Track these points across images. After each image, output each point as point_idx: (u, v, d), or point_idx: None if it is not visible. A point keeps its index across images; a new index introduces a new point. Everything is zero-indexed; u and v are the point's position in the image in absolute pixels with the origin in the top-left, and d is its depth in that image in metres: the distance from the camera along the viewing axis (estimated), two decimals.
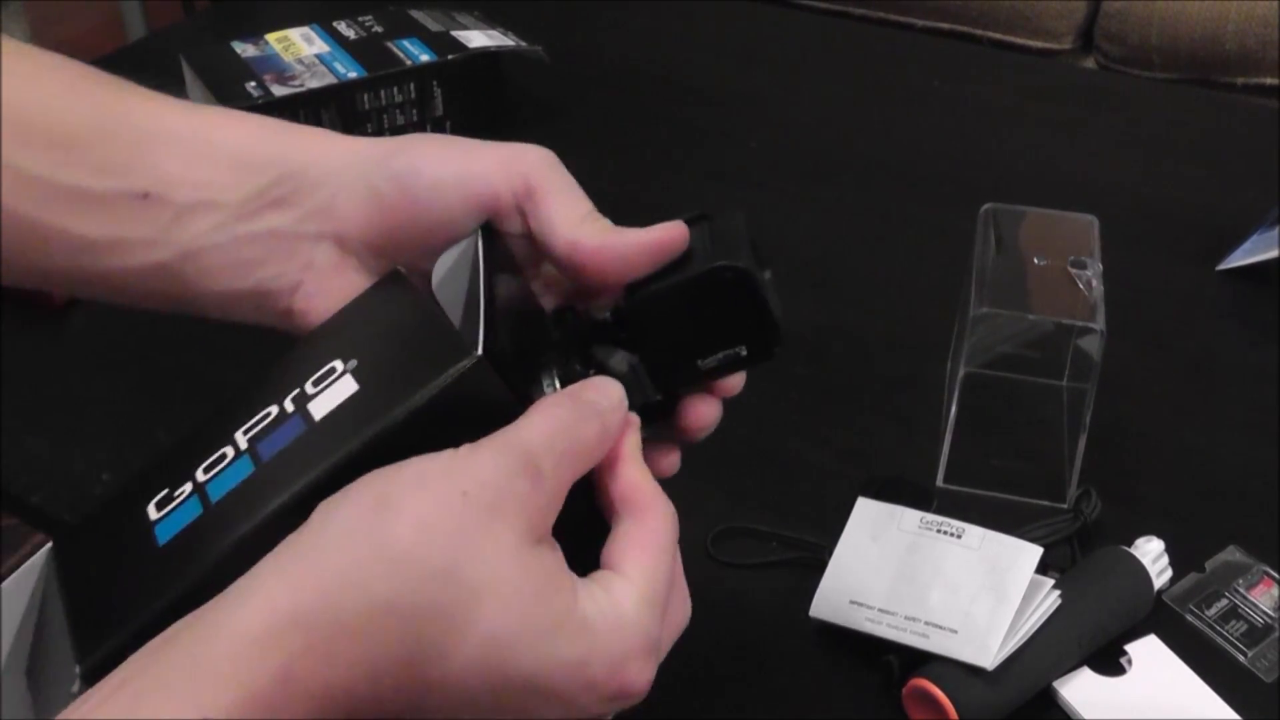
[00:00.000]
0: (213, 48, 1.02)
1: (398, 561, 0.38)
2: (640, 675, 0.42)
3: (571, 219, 0.47)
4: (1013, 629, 0.57)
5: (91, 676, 0.40)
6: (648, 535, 0.44)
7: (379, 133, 0.99)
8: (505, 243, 0.48)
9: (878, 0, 1.90)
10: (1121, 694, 0.59)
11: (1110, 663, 0.61)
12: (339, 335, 0.47)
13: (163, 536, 0.42)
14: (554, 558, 0.41)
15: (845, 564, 0.63)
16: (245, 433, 0.44)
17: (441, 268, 0.48)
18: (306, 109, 0.95)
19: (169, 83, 1.03)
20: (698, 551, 0.67)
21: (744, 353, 0.48)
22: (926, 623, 0.59)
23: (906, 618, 0.59)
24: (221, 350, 0.83)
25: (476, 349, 0.41)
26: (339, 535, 0.39)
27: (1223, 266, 0.89)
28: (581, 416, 0.43)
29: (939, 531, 0.62)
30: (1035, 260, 0.71)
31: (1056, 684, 0.59)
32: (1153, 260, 0.90)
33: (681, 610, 0.45)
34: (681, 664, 0.61)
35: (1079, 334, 0.69)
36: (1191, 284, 0.88)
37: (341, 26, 1.05)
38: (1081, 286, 0.68)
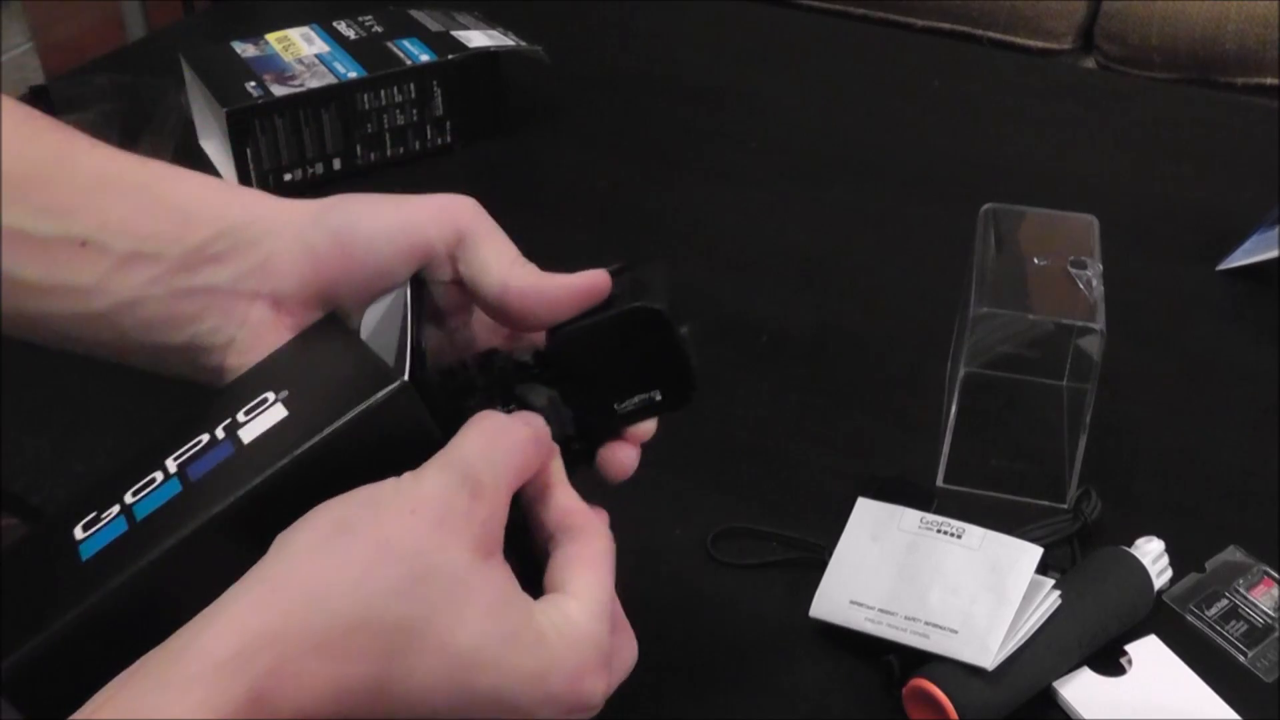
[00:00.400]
0: (213, 48, 1.02)
1: (360, 580, 0.39)
2: (596, 688, 0.43)
3: (502, 264, 0.48)
4: (1013, 629, 0.57)
5: (1, 687, 0.40)
6: (589, 553, 0.45)
7: (379, 133, 0.99)
8: (432, 295, 0.50)
9: (878, 0, 1.90)
10: (1121, 694, 0.59)
11: (1110, 663, 0.61)
12: (273, 369, 0.48)
13: (86, 553, 0.43)
14: (505, 573, 0.42)
15: (845, 564, 0.63)
16: (176, 459, 0.45)
17: (370, 319, 0.49)
18: (306, 109, 0.95)
19: (169, 83, 1.04)
20: (698, 551, 0.67)
21: (658, 398, 0.50)
22: (926, 623, 0.59)
23: (906, 618, 0.59)
24: None
25: (403, 374, 0.43)
26: (300, 559, 0.39)
27: (1223, 266, 0.89)
28: (511, 424, 0.45)
29: (939, 531, 0.62)
30: (1035, 260, 0.71)
31: (1056, 684, 0.59)
32: (1153, 260, 0.90)
33: (629, 649, 0.47)
34: (681, 664, 0.61)
35: (1079, 334, 0.69)
36: (1191, 284, 0.88)
37: (341, 26, 1.05)
38: (1081, 286, 0.68)
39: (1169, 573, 0.64)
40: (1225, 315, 0.86)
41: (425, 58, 1.00)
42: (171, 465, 0.45)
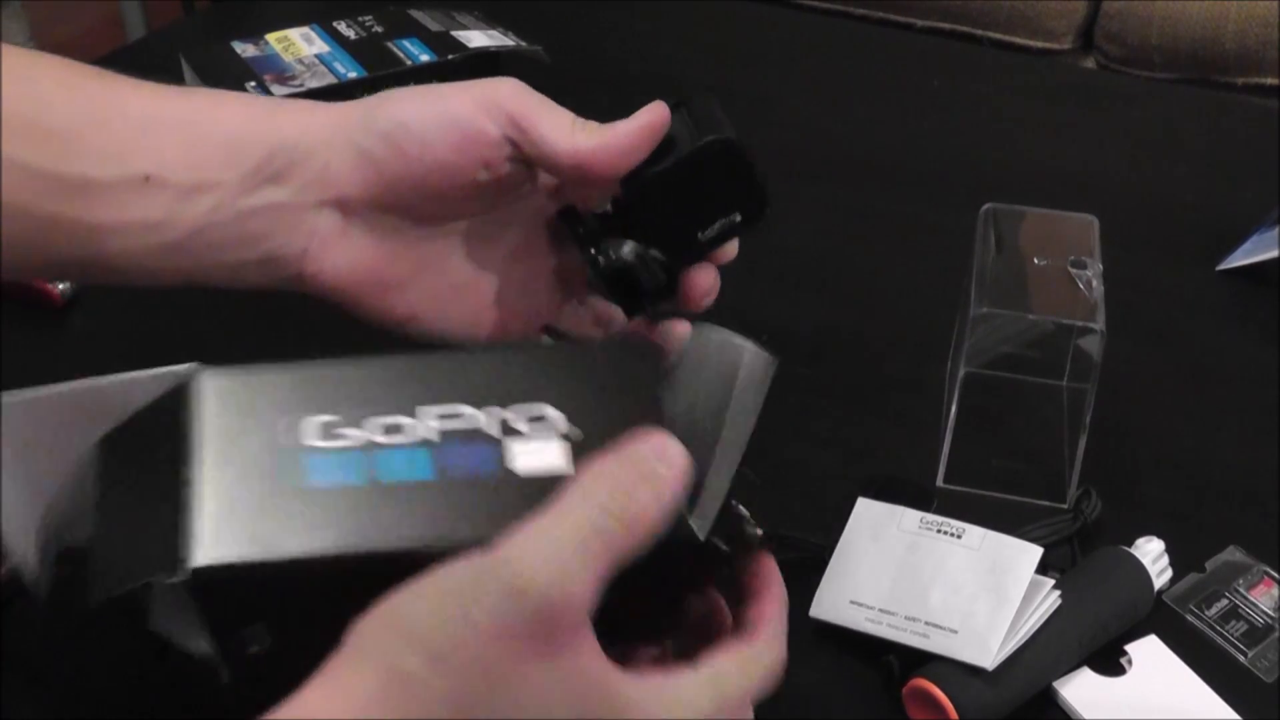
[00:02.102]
0: (213, 48, 1.02)
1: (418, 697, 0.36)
2: None
3: (563, 131, 0.50)
4: (1013, 629, 0.57)
5: (200, 578, 0.37)
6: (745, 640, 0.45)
7: None
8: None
9: (878, 0, 1.90)
10: (1121, 694, 0.59)
11: (1110, 663, 0.61)
12: (556, 373, 0.43)
13: (313, 475, 0.39)
14: (575, 659, 0.38)
15: (845, 564, 0.63)
16: (438, 420, 0.40)
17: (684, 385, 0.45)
18: None
19: (169, 83, 1.04)
20: None
21: (738, 219, 0.52)
22: (927, 623, 0.59)
23: (906, 618, 0.59)
24: (221, 351, 0.82)
25: (700, 536, 0.41)
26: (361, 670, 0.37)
27: (1223, 266, 0.89)
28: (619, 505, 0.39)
29: (939, 531, 0.62)
30: (1035, 260, 0.71)
31: (1056, 684, 0.59)
32: (1153, 260, 0.90)
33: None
34: None
35: (1079, 334, 0.69)
36: (1191, 284, 0.88)
37: (341, 26, 1.05)
38: (1081, 286, 0.68)
39: (1169, 573, 0.64)
40: (1225, 315, 0.86)
41: (425, 58, 1.00)
42: (428, 427, 0.40)
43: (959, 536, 0.62)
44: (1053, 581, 0.59)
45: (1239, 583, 0.65)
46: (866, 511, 0.65)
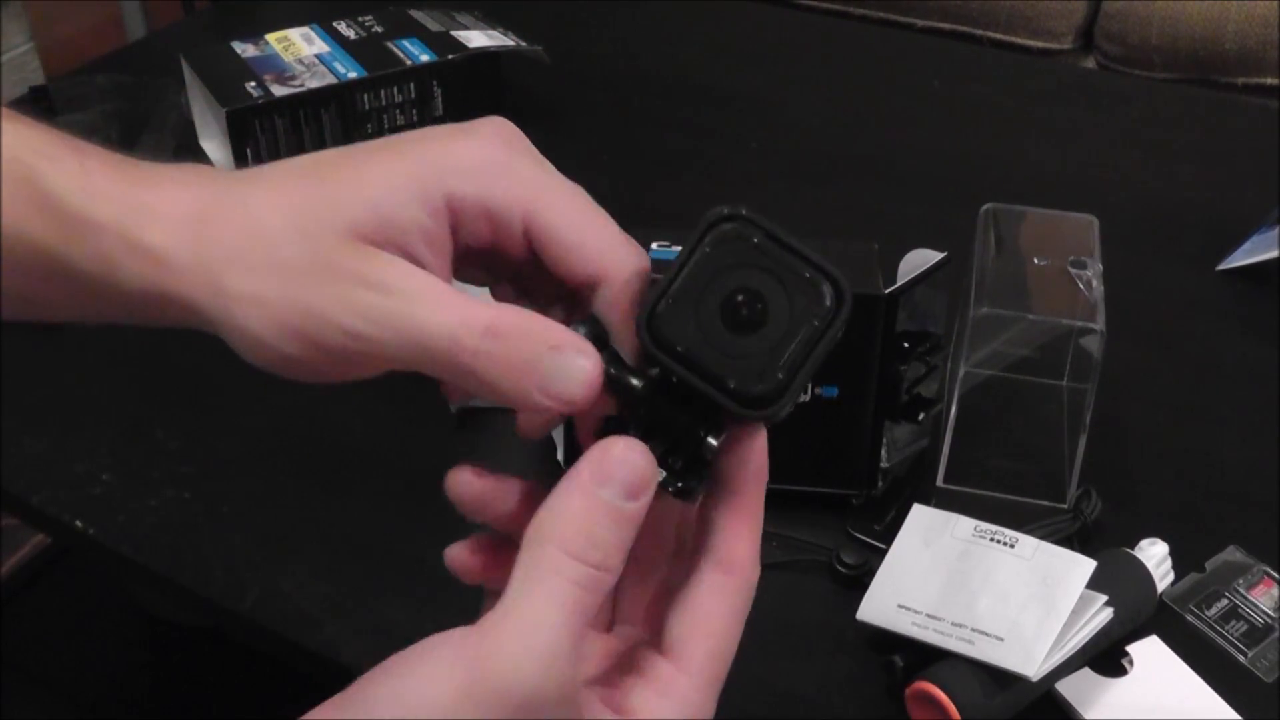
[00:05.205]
0: (213, 48, 1.02)
1: None
2: None
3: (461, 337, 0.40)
4: (1060, 640, 0.57)
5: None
6: (718, 606, 0.43)
7: (379, 133, 0.99)
8: None
9: (878, 0, 1.90)
10: (1123, 694, 0.59)
11: (1112, 663, 0.61)
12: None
13: None
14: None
15: (896, 569, 0.62)
16: None
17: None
18: (306, 109, 0.95)
19: (169, 83, 1.04)
20: None
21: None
22: (973, 629, 0.58)
23: (953, 624, 0.58)
24: (221, 350, 0.82)
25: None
26: None
27: (1223, 266, 0.89)
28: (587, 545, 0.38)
29: (992, 540, 0.62)
30: (1035, 260, 0.71)
31: (1058, 684, 0.59)
32: (1153, 260, 0.90)
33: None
34: None
35: (1079, 334, 0.69)
36: (1191, 284, 0.88)
37: (341, 26, 1.05)
38: (1081, 286, 0.68)
39: (1171, 575, 0.64)
40: (1225, 315, 0.86)
41: (425, 58, 1.00)
42: None
43: (1011, 546, 0.61)
44: (1105, 597, 0.59)
45: (1239, 583, 0.65)
46: (921, 518, 0.64)
